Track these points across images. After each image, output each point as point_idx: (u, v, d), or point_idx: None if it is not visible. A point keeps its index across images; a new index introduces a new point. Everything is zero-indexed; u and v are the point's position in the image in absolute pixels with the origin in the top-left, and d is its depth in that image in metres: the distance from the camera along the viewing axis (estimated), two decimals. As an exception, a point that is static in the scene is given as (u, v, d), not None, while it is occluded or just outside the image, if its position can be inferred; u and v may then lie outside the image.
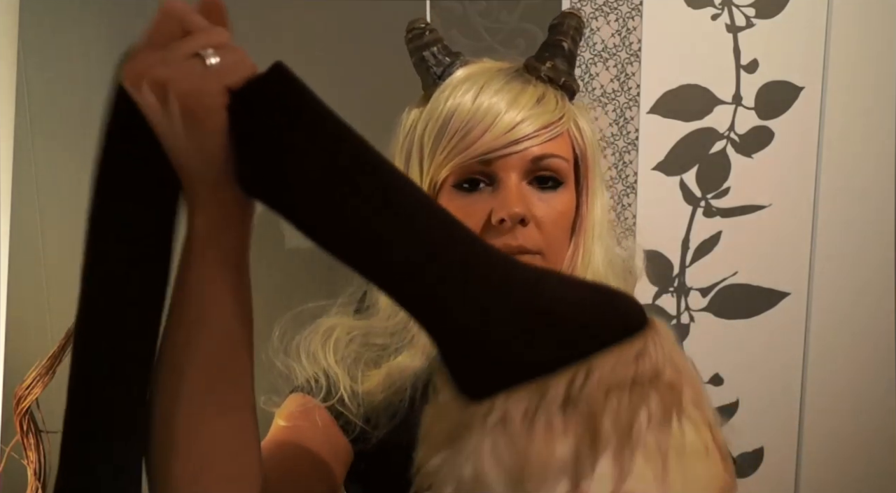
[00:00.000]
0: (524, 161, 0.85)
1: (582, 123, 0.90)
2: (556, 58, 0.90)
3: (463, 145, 0.84)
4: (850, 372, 1.50)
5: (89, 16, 1.29)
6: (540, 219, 0.87)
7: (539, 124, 0.84)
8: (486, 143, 0.83)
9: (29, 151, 1.32)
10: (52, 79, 1.31)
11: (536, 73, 0.88)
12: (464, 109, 0.85)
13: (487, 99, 0.84)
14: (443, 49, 0.92)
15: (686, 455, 0.56)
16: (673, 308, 1.46)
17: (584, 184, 0.91)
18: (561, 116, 0.86)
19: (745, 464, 1.53)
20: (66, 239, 1.36)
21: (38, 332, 1.36)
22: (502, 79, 0.87)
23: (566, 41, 0.91)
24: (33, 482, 1.22)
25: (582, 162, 0.91)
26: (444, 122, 0.85)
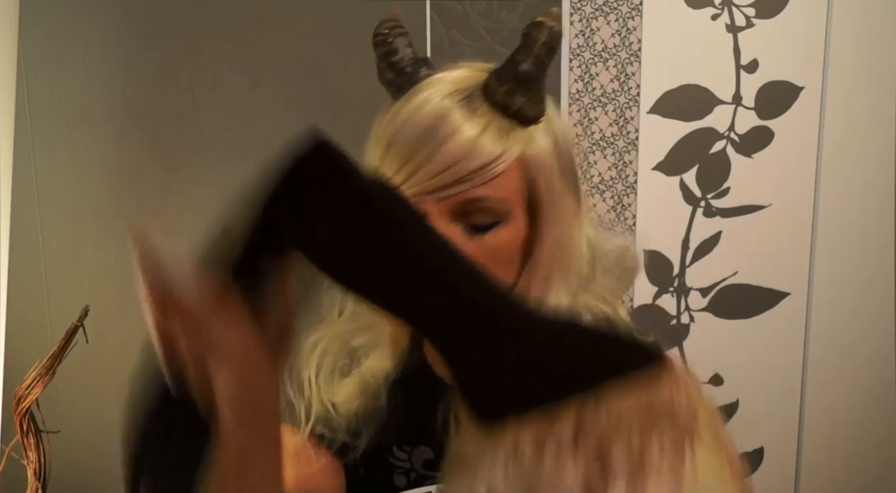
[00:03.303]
0: (450, 205, 0.81)
1: (537, 146, 0.83)
2: (513, 81, 0.82)
3: (395, 181, 0.81)
4: (850, 372, 1.50)
5: (89, 16, 1.29)
6: (472, 255, 0.84)
7: (465, 172, 0.79)
8: (410, 187, 0.80)
9: (29, 151, 1.32)
10: (52, 79, 1.31)
11: (491, 99, 0.82)
12: (397, 140, 0.81)
13: (412, 141, 0.80)
14: (400, 61, 0.87)
15: (702, 481, 0.57)
16: (673, 308, 1.46)
17: (540, 212, 0.84)
18: (500, 154, 0.80)
19: (746, 464, 1.53)
20: (66, 239, 1.36)
21: (38, 332, 1.36)
22: (446, 107, 0.81)
23: (526, 63, 0.83)
24: (33, 482, 1.22)
25: (534, 190, 0.83)
26: (383, 151, 0.82)
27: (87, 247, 1.36)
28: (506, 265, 0.84)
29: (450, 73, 0.87)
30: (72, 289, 1.36)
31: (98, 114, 1.32)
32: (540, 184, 0.83)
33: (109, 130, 1.33)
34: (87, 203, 1.35)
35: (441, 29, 1.33)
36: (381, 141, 0.82)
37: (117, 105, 1.32)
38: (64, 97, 1.31)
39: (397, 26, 0.89)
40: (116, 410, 1.51)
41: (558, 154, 0.85)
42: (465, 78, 0.85)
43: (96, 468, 1.42)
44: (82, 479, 1.41)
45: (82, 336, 1.20)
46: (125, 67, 1.30)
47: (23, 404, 1.19)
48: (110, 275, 1.37)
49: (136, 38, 1.30)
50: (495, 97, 0.81)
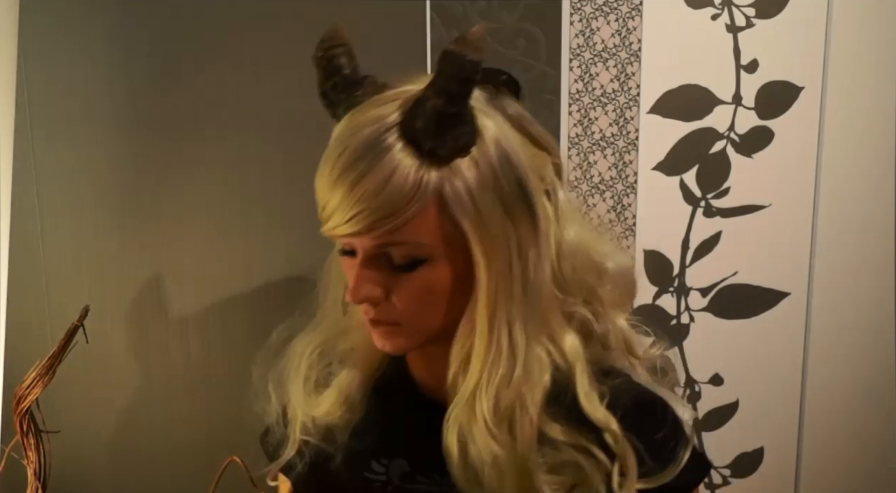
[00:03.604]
0: (370, 246, 0.79)
1: (460, 183, 0.76)
2: (425, 119, 0.75)
3: (321, 219, 0.79)
4: (850, 372, 1.50)
5: (89, 16, 1.29)
6: (398, 294, 0.80)
7: (375, 218, 0.75)
8: (328, 229, 0.78)
9: (29, 151, 1.32)
10: (52, 79, 1.31)
11: (406, 136, 0.76)
12: (319, 183, 0.79)
13: (330, 184, 0.76)
14: (338, 83, 0.82)
15: None
16: (673, 308, 1.46)
17: (473, 249, 0.79)
18: (409, 202, 0.75)
19: (745, 464, 1.53)
20: (66, 239, 1.36)
21: (38, 332, 1.36)
22: (359, 148, 0.75)
23: (435, 99, 0.74)
24: (33, 482, 1.22)
25: (460, 230, 0.78)
26: (316, 185, 0.80)
27: (87, 247, 1.36)
28: (441, 301, 0.80)
29: (382, 96, 0.80)
30: (72, 289, 1.36)
31: (98, 113, 1.32)
32: (464, 225, 0.77)
33: (109, 130, 1.33)
34: (87, 203, 1.35)
35: (441, 29, 1.33)
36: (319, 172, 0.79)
37: (117, 105, 1.32)
38: (64, 97, 1.31)
39: (338, 44, 0.84)
40: (116, 410, 1.52)
41: (495, 182, 0.78)
42: (392, 106, 0.78)
43: (96, 468, 1.43)
44: (82, 479, 1.41)
45: (82, 336, 1.20)
46: (125, 67, 1.30)
47: (23, 405, 1.19)
48: (110, 275, 1.37)
49: (136, 38, 1.30)
50: (408, 135, 0.76)
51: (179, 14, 1.30)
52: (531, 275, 0.80)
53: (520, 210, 0.79)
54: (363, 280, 0.79)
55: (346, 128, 0.78)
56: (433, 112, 0.74)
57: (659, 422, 0.86)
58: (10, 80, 1.25)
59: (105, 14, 1.29)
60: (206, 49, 1.31)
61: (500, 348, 0.80)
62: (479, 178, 0.77)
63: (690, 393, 1.50)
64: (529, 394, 0.81)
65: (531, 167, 0.82)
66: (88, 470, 1.42)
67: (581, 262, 0.86)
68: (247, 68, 1.32)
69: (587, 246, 0.88)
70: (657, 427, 0.85)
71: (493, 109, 0.82)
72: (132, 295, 1.37)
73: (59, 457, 1.26)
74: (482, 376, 0.80)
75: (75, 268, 1.36)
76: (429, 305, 0.81)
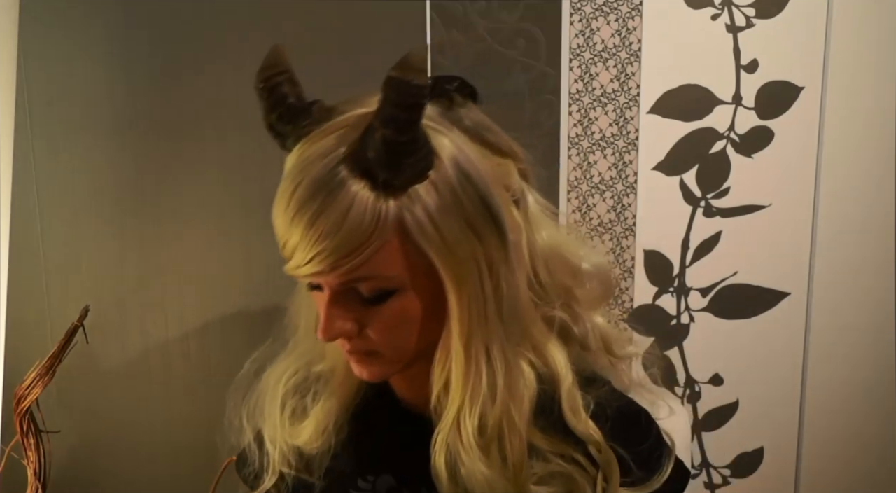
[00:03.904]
0: (336, 283, 0.76)
1: (419, 209, 0.73)
2: (376, 149, 0.71)
3: (283, 256, 0.76)
4: (850, 372, 1.50)
5: (89, 16, 1.29)
6: (372, 326, 0.78)
7: (336, 257, 0.72)
8: (291, 270, 0.76)
9: (29, 151, 1.32)
10: (52, 79, 1.31)
11: (359, 168, 0.72)
12: (276, 221, 0.76)
13: (287, 222, 0.73)
14: (284, 114, 0.78)
15: None
16: (673, 308, 1.46)
17: (442, 274, 0.76)
18: (371, 232, 0.72)
19: (745, 464, 1.53)
20: (66, 239, 1.36)
21: (38, 332, 1.36)
22: (312, 185, 0.72)
23: (384, 129, 0.70)
24: (33, 482, 1.22)
25: (426, 257, 0.75)
26: (272, 221, 0.77)
27: (87, 247, 1.36)
28: (417, 327, 0.78)
29: (332, 124, 0.76)
30: (72, 289, 1.36)
31: (98, 114, 1.32)
32: (429, 252, 0.74)
33: (109, 131, 1.33)
34: (87, 203, 1.35)
35: (441, 29, 1.33)
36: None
37: (117, 105, 1.32)
38: (64, 97, 1.31)
39: (279, 71, 0.79)
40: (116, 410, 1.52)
41: (456, 204, 0.74)
42: (342, 136, 0.74)
43: (96, 468, 1.43)
44: (82, 479, 1.41)
45: (82, 336, 1.20)
46: (125, 68, 1.30)
47: (23, 405, 1.20)
48: (110, 275, 1.37)
49: (136, 38, 1.30)
50: (361, 166, 0.72)
51: (179, 14, 1.30)
52: (504, 292, 0.77)
53: (486, 228, 0.76)
54: (333, 317, 0.77)
55: (298, 161, 0.75)
56: (383, 143, 0.70)
57: (644, 433, 0.85)
58: (10, 81, 1.25)
59: (105, 14, 1.29)
60: (206, 49, 1.31)
61: (479, 371, 0.77)
62: (439, 202, 0.73)
63: (690, 393, 1.50)
64: (516, 410, 0.79)
65: (495, 178, 0.79)
66: (88, 470, 1.42)
67: (556, 265, 0.84)
68: (247, 68, 1.31)
69: (561, 248, 0.85)
70: (642, 438, 0.85)
71: (448, 125, 0.78)
72: (132, 295, 1.37)
73: (59, 457, 1.26)
74: (464, 400, 0.78)
75: (75, 268, 1.36)
76: (405, 332, 0.79)
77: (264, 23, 1.30)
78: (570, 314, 0.85)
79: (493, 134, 0.83)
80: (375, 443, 0.89)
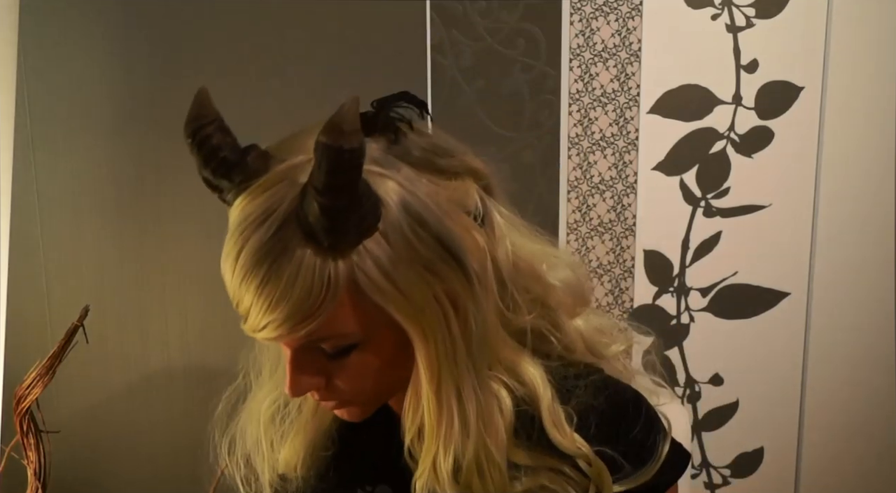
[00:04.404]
0: (296, 344, 0.73)
1: (369, 265, 0.69)
2: (317, 215, 0.66)
3: (240, 314, 0.73)
4: (850, 372, 1.50)
5: (89, 16, 1.29)
6: (339, 378, 0.76)
7: (288, 326, 0.69)
8: (248, 331, 0.72)
9: (29, 151, 1.32)
10: (52, 79, 1.31)
11: (303, 229, 0.68)
12: (225, 279, 0.72)
13: (236, 284, 0.70)
14: (217, 170, 0.73)
15: None
16: (673, 308, 1.46)
17: (403, 325, 0.73)
18: (323, 299, 0.68)
19: (745, 464, 1.53)
20: (66, 239, 1.36)
21: (38, 332, 1.36)
22: (256, 252, 0.68)
23: (321, 197, 0.66)
24: (33, 482, 1.22)
25: (384, 310, 0.72)
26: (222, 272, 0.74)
27: (87, 247, 1.36)
28: (388, 371, 0.77)
29: (272, 176, 0.71)
30: (72, 289, 1.36)
31: (98, 114, 1.32)
32: (387, 306, 0.70)
33: (109, 131, 1.33)
34: (87, 203, 1.35)
35: (441, 29, 1.33)
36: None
37: (117, 105, 1.32)
38: (64, 97, 1.31)
39: (207, 122, 0.72)
40: (116, 410, 1.51)
41: (410, 251, 0.70)
42: (281, 193, 0.69)
43: (96, 468, 1.43)
44: (82, 479, 1.41)
45: (82, 336, 1.20)
46: (125, 68, 1.30)
47: (23, 405, 1.19)
48: (110, 275, 1.37)
49: (136, 39, 1.30)
50: (305, 229, 0.68)
51: (179, 14, 1.30)
52: (473, 328, 0.74)
53: (446, 267, 0.72)
54: (298, 374, 0.74)
55: (240, 219, 0.70)
56: (321, 210, 0.66)
57: (633, 422, 0.82)
58: (10, 81, 1.25)
59: (105, 14, 1.29)
60: (205, 49, 1.31)
61: (450, 414, 0.75)
62: (391, 253, 0.69)
63: (690, 393, 1.50)
64: (493, 443, 0.77)
65: (452, 205, 0.75)
66: (88, 470, 1.42)
67: (525, 278, 0.81)
68: (246, 68, 1.32)
69: (531, 258, 0.82)
70: (631, 428, 0.82)
71: (393, 162, 0.73)
72: (132, 295, 1.37)
73: (59, 457, 1.26)
74: (439, 447, 0.76)
75: (75, 268, 1.36)
76: (374, 380, 0.77)
77: (264, 23, 1.30)
78: (546, 322, 0.83)
79: (445, 158, 0.77)
80: (371, 453, 0.89)
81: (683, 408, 1.44)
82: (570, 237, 1.42)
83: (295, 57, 1.32)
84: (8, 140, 1.25)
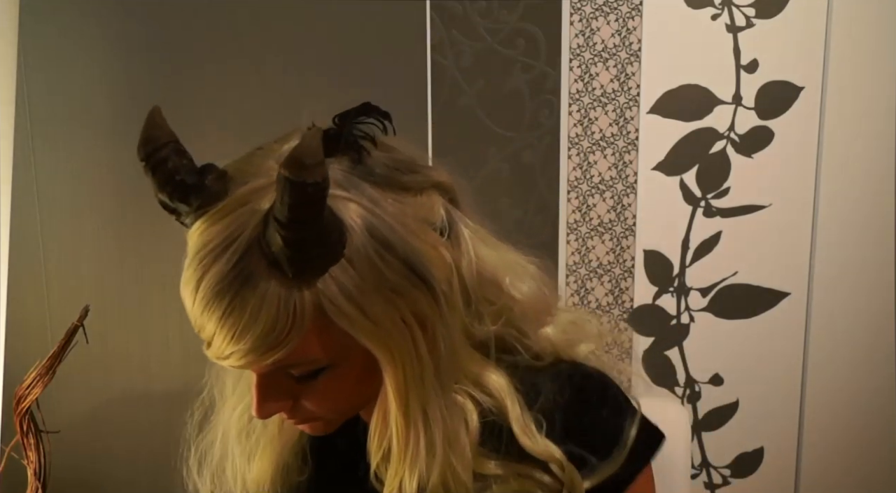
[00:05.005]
0: (262, 370, 0.72)
1: (333, 292, 0.67)
2: (280, 247, 0.65)
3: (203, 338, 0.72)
4: (850, 372, 1.50)
5: (89, 16, 1.29)
6: (307, 399, 0.75)
7: (253, 357, 0.68)
8: (213, 358, 0.72)
9: (29, 151, 1.32)
10: (52, 79, 1.31)
11: (269, 259, 0.66)
12: (185, 305, 0.71)
13: (199, 314, 0.69)
14: (173, 194, 0.72)
15: None
16: (673, 308, 1.46)
17: (372, 350, 0.72)
18: (288, 330, 0.67)
19: (745, 464, 1.53)
20: (66, 239, 1.36)
21: (38, 332, 1.36)
22: (217, 282, 0.67)
23: (284, 232, 0.64)
24: (33, 482, 1.22)
25: (351, 336, 0.70)
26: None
27: (87, 247, 1.36)
28: (356, 390, 0.76)
29: (234, 199, 0.69)
30: (72, 289, 1.36)
31: (98, 113, 1.32)
32: (354, 333, 0.69)
33: (109, 130, 1.33)
34: (87, 203, 1.35)
35: (441, 29, 1.33)
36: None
37: (117, 105, 1.32)
38: (64, 97, 1.31)
39: (161, 144, 0.71)
40: (116, 410, 1.51)
41: (377, 276, 0.68)
42: (242, 219, 0.68)
43: (96, 468, 1.43)
44: (82, 479, 1.41)
45: (82, 336, 1.20)
46: (125, 68, 1.30)
47: (23, 405, 1.19)
48: (110, 275, 1.37)
49: (136, 39, 1.30)
50: (269, 258, 0.66)
51: (179, 15, 1.30)
52: (441, 347, 0.73)
53: (413, 289, 0.71)
54: (265, 398, 0.73)
55: (199, 246, 0.68)
56: (285, 242, 0.64)
57: (595, 410, 0.81)
58: (10, 81, 1.25)
59: (105, 15, 1.29)
60: (205, 48, 1.31)
61: (417, 435, 0.74)
62: (357, 279, 0.68)
63: (690, 393, 1.50)
64: (458, 461, 0.76)
65: (418, 220, 0.74)
66: (88, 470, 1.42)
67: (490, 288, 0.80)
68: (247, 69, 1.32)
69: (494, 270, 0.81)
70: (595, 417, 0.80)
71: (356, 183, 0.71)
72: (132, 295, 1.37)
73: (59, 457, 1.26)
74: (405, 470, 0.75)
75: (75, 268, 1.36)
76: (342, 400, 0.76)
77: (264, 23, 1.30)
78: (513, 330, 0.81)
79: (409, 174, 0.75)
80: (343, 474, 0.88)
81: (683, 408, 1.44)
82: (570, 237, 1.43)
83: (295, 57, 1.32)
84: (8, 140, 1.25)
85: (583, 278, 1.44)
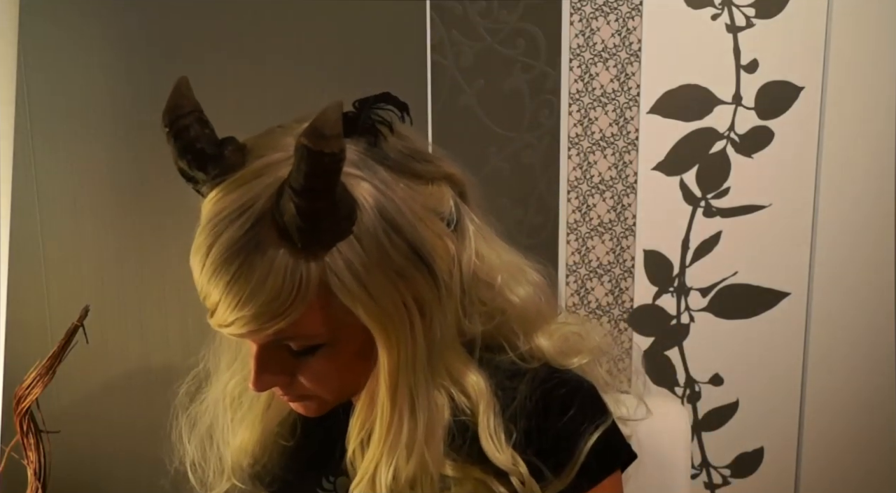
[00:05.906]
0: (262, 340, 0.74)
1: (339, 267, 0.68)
2: (293, 216, 0.66)
3: (207, 307, 0.74)
4: (850, 372, 1.50)
5: (89, 16, 1.29)
6: (304, 375, 0.77)
7: (256, 325, 0.69)
8: (215, 325, 0.73)
9: (29, 151, 1.32)
10: (52, 79, 1.31)
11: (278, 229, 0.68)
12: (193, 273, 0.72)
13: (205, 278, 0.70)
14: (192, 162, 0.73)
15: None
16: (673, 308, 1.46)
17: (370, 328, 0.73)
18: (293, 300, 0.68)
19: (745, 464, 1.53)
20: (66, 239, 1.36)
21: (38, 332, 1.36)
22: (228, 247, 0.68)
23: (298, 200, 0.65)
24: (33, 482, 1.22)
25: (353, 313, 0.71)
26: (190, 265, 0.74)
27: (87, 247, 1.36)
28: (352, 369, 0.77)
29: (248, 171, 0.71)
30: (72, 289, 1.36)
31: (98, 113, 1.32)
32: (355, 309, 0.70)
33: (109, 130, 1.33)
34: (87, 203, 1.35)
35: (441, 29, 1.33)
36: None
37: (117, 105, 1.32)
38: (64, 97, 1.31)
39: (185, 112, 0.72)
40: (116, 410, 1.52)
41: (382, 256, 0.70)
42: (257, 189, 0.69)
43: (96, 468, 1.43)
44: (82, 479, 1.41)
45: (82, 336, 1.20)
46: (125, 67, 1.30)
47: (23, 405, 1.19)
48: (110, 275, 1.37)
49: (136, 38, 1.30)
50: (280, 228, 0.67)
51: (180, 14, 1.30)
52: (437, 335, 0.74)
53: (416, 273, 0.72)
54: (263, 370, 0.75)
55: (213, 213, 0.70)
56: (297, 212, 0.65)
57: (555, 419, 0.79)
58: (10, 81, 1.25)
59: (105, 15, 1.29)
60: (206, 48, 1.31)
61: (401, 421, 0.74)
62: (364, 257, 0.69)
63: (690, 393, 1.50)
64: (430, 455, 0.76)
65: (427, 209, 0.75)
66: (88, 470, 1.42)
67: (485, 288, 0.80)
68: (247, 69, 1.32)
69: (491, 271, 0.81)
70: (552, 426, 0.79)
71: (371, 165, 0.72)
72: (132, 295, 1.37)
73: (59, 457, 1.26)
74: (382, 456, 0.75)
75: (75, 268, 1.36)
76: (338, 379, 0.77)
77: (264, 23, 1.31)
78: (505, 331, 0.81)
79: (423, 163, 0.77)
80: (332, 444, 0.88)
81: (683, 408, 1.44)
82: (570, 237, 1.43)
83: (295, 57, 1.32)
84: (8, 140, 1.25)
85: (583, 278, 1.44)
